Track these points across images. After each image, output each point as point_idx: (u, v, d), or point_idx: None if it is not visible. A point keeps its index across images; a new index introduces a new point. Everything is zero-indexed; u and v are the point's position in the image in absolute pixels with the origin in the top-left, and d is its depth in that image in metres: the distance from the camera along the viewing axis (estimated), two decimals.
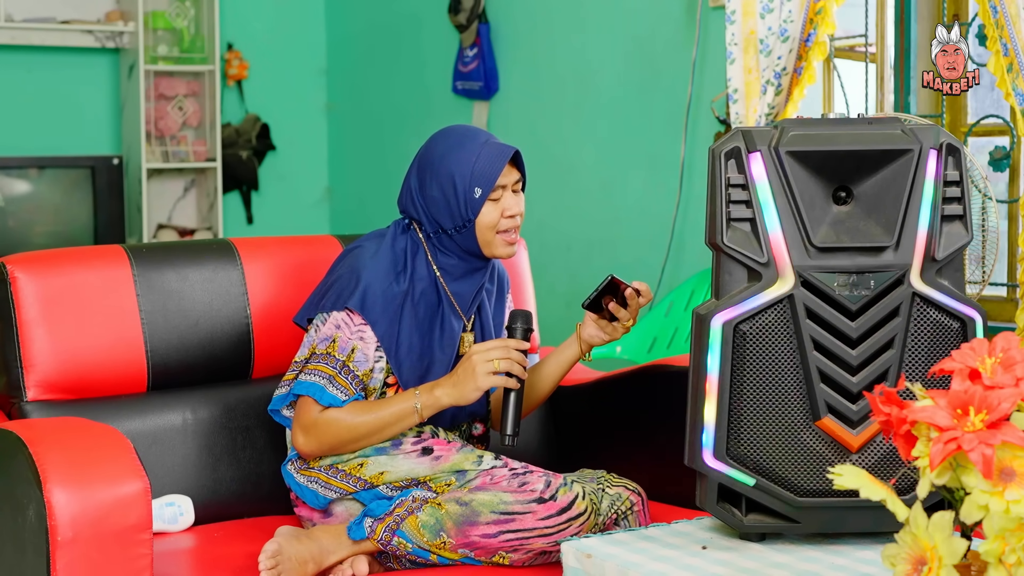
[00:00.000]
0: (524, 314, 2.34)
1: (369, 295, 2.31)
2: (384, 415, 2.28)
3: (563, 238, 4.63)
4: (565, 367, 2.50)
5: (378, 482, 2.30)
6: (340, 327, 2.31)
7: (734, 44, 3.54)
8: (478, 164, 2.33)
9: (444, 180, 2.34)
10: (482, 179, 2.33)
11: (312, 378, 2.29)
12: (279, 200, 5.95)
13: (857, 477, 1.38)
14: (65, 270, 2.41)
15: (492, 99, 4.96)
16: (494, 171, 2.33)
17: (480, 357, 2.26)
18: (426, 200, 2.37)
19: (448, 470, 2.28)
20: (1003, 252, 3.20)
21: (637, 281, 2.35)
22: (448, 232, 2.36)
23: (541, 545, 2.20)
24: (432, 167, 2.36)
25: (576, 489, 2.22)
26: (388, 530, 2.21)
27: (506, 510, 2.19)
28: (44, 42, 5.36)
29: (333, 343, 2.30)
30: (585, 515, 2.21)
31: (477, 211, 2.33)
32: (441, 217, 2.36)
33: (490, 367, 2.26)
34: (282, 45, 5.93)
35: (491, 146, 2.36)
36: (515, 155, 2.37)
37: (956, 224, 1.82)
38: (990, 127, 3.33)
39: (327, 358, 2.29)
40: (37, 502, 1.92)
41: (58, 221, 5.35)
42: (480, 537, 2.19)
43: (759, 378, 1.79)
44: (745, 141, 1.81)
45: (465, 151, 2.35)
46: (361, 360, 2.30)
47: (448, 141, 2.38)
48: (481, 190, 2.33)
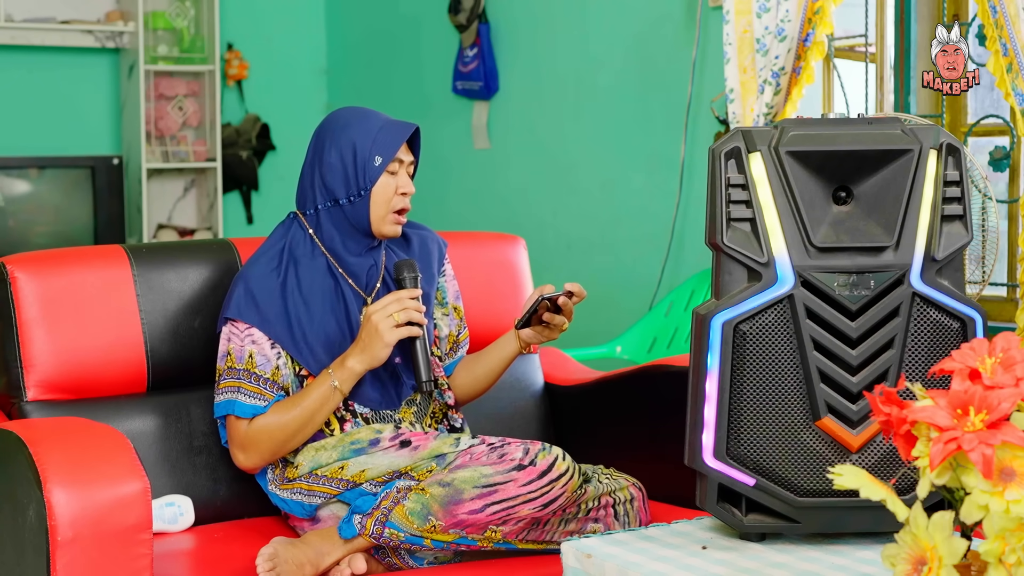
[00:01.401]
0: (408, 263, 2.40)
1: (244, 299, 2.35)
2: (307, 404, 2.32)
3: (563, 238, 4.63)
4: (505, 363, 2.56)
5: (361, 480, 2.31)
6: (230, 339, 2.36)
7: (729, 44, 3.54)
8: (380, 134, 2.39)
9: (344, 146, 2.39)
10: (383, 148, 2.38)
11: (225, 396, 2.34)
12: (279, 200, 5.94)
13: (857, 477, 1.38)
14: (65, 270, 2.41)
15: (492, 99, 4.96)
16: (396, 141, 2.39)
17: (379, 315, 2.32)
18: (323, 168, 2.41)
19: (428, 456, 2.29)
20: (1003, 252, 3.20)
21: (569, 283, 2.41)
22: (340, 203, 2.39)
23: (528, 512, 2.20)
24: (333, 135, 2.41)
25: (555, 452, 2.24)
26: (378, 523, 2.22)
27: (488, 483, 2.20)
28: (44, 42, 5.36)
29: (229, 356, 2.35)
30: (567, 475, 2.22)
31: (374, 180, 2.38)
32: (336, 186, 2.39)
33: (391, 322, 2.32)
34: (282, 45, 5.93)
35: (393, 121, 2.43)
36: (412, 140, 2.44)
37: (956, 224, 1.82)
38: (990, 127, 3.33)
39: (230, 372, 2.34)
40: (37, 502, 1.92)
41: (58, 221, 5.35)
42: (467, 514, 2.20)
43: (759, 378, 1.79)
44: (745, 141, 1.81)
45: (368, 122, 2.41)
46: (263, 362, 2.34)
47: (350, 114, 2.44)
48: (381, 158, 2.37)
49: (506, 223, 4.68)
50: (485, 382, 2.58)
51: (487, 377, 2.57)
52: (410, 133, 2.42)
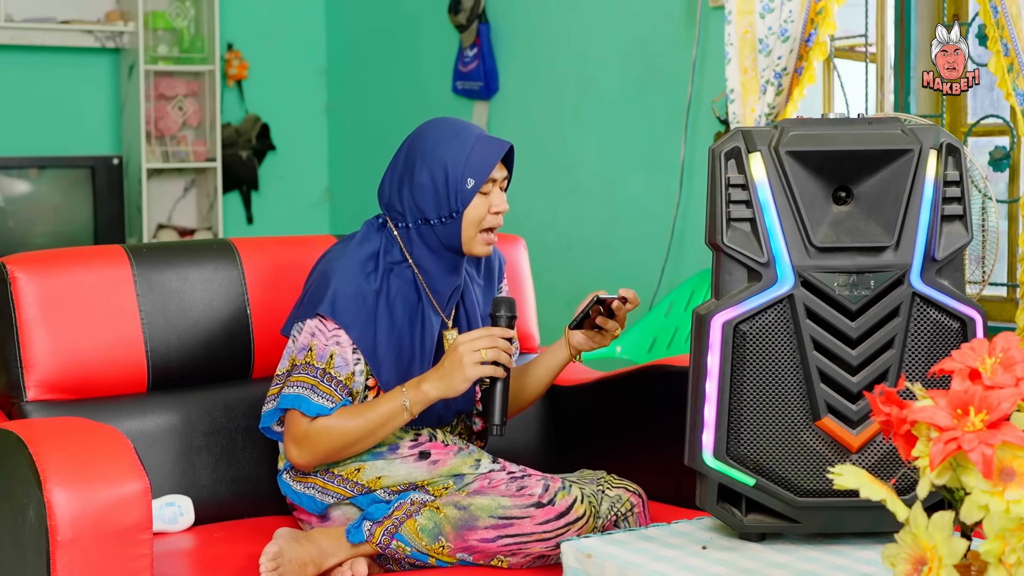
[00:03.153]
0: (508, 301, 2.31)
1: (339, 298, 2.27)
2: (373, 417, 2.24)
3: (563, 238, 4.63)
4: (555, 371, 2.49)
5: (375, 486, 2.29)
6: (315, 334, 2.28)
7: (730, 44, 3.54)
8: (473, 154, 2.30)
9: (436, 168, 2.30)
10: (476, 170, 2.29)
11: (296, 390, 2.26)
12: (279, 200, 5.95)
13: (857, 477, 1.38)
14: (65, 270, 2.41)
15: (492, 99, 4.96)
16: (489, 163, 2.30)
17: (467, 348, 2.22)
18: (413, 188, 2.32)
19: (446, 474, 2.27)
20: (1003, 252, 3.20)
21: (623, 288, 2.33)
22: (431, 223, 2.32)
23: (540, 549, 2.19)
24: (424, 154, 2.32)
25: (575, 492, 2.21)
26: (387, 533, 2.21)
27: (504, 515, 2.19)
28: (44, 42, 5.36)
29: (310, 352, 2.27)
30: (584, 519, 2.21)
31: (467, 202, 2.30)
32: (427, 206, 2.31)
33: (477, 357, 2.22)
34: (282, 45, 5.93)
35: (486, 139, 2.33)
36: (506, 152, 2.35)
37: (956, 224, 1.82)
38: (990, 127, 3.33)
39: (307, 367, 2.26)
40: (37, 502, 1.92)
41: (58, 221, 5.35)
42: (478, 541, 2.19)
43: (759, 378, 1.79)
44: (745, 141, 1.81)
45: (460, 140, 2.31)
46: (341, 365, 2.27)
47: (442, 129, 2.35)
48: (474, 181, 2.29)
49: (506, 223, 4.67)
50: (533, 393, 2.52)
51: (535, 387, 2.51)
52: (504, 153, 2.33)
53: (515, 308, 2.31)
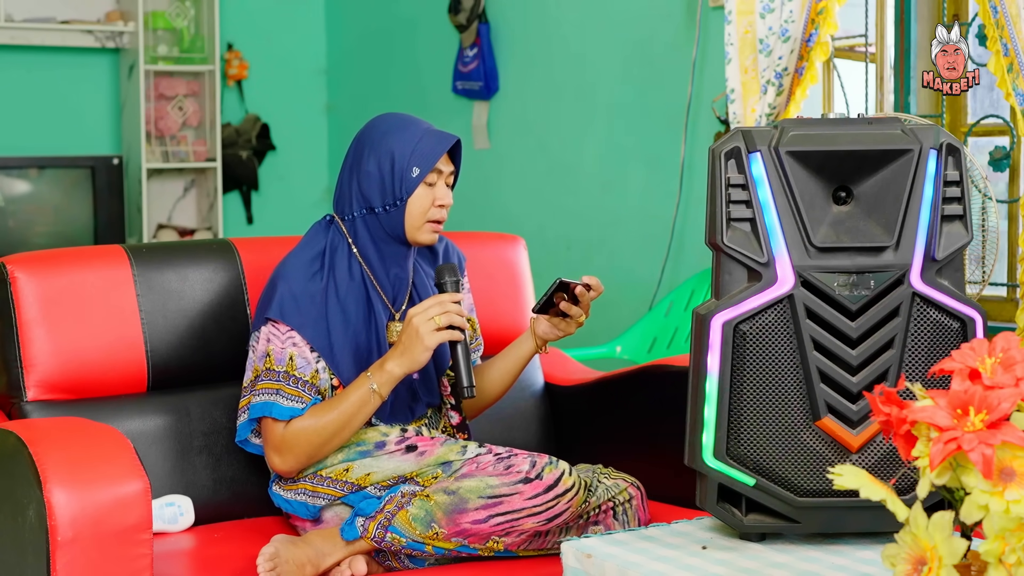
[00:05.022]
0: (450, 267, 2.36)
1: (287, 300, 2.31)
2: (345, 407, 2.28)
3: (563, 238, 4.63)
4: (521, 362, 2.53)
5: (365, 483, 2.30)
6: (270, 340, 2.32)
7: (730, 44, 3.54)
8: (420, 145, 2.35)
9: (383, 156, 2.35)
10: (421, 159, 2.34)
11: (263, 397, 2.29)
12: (279, 200, 5.95)
13: (857, 477, 1.38)
14: (65, 270, 2.41)
15: (492, 99, 4.96)
16: (435, 153, 2.35)
17: (420, 318, 2.27)
18: (360, 176, 2.37)
19: (433, 463, 2.29)
20: (1003, 252, 3.20)
21: (586, 276, 2.38)
22: (376, 212, 2.36)
23: (532, 525, 2.20)
24: (372, 143, 2.38)
25: (562, 466, 2.23)
26: (380, 527, 2.22)
27: (493, 493, 2.20)
28: (44, 42, 5.36)
29: (268, 357, 2.31)
30: (573, 490, 2.22)
31: (411, 190, 2.34)
32: (372, 193, 2.36)
33: (432, 324, 2.27)
34: (282, 45, 5.93)
35: (434, 132, 2.39)
36: (452, 149, 2.40)
37: (956, 224, 1.82)
38: (990, 127, 3.33)
39: (269, 373, 2.30)
40: (37, 502, 1.92)
41: (58, 221, 5.35)
42: (471, 524, 2.20)
43: (759, 378, 1.79)
44: (745, 141, 1.81)
45: (408, 132, 2.37)
46: (303, 365, 2.30)
47: (392, 122, 2.41)
48: (419, 170, 2.34)
49: (506, 223, 4.68)
50: (501, 385, 2.55)
51: (503, 380, 2.55)
52: (450, 145, 2.38)
53: (458, 272, 2.37)
